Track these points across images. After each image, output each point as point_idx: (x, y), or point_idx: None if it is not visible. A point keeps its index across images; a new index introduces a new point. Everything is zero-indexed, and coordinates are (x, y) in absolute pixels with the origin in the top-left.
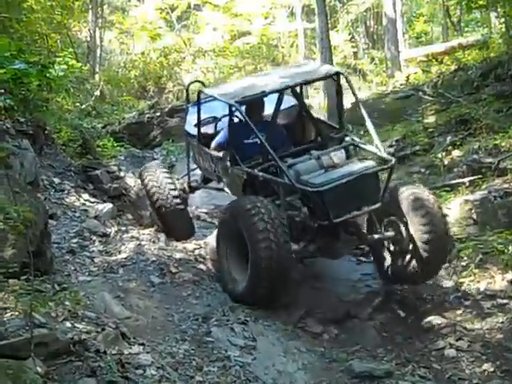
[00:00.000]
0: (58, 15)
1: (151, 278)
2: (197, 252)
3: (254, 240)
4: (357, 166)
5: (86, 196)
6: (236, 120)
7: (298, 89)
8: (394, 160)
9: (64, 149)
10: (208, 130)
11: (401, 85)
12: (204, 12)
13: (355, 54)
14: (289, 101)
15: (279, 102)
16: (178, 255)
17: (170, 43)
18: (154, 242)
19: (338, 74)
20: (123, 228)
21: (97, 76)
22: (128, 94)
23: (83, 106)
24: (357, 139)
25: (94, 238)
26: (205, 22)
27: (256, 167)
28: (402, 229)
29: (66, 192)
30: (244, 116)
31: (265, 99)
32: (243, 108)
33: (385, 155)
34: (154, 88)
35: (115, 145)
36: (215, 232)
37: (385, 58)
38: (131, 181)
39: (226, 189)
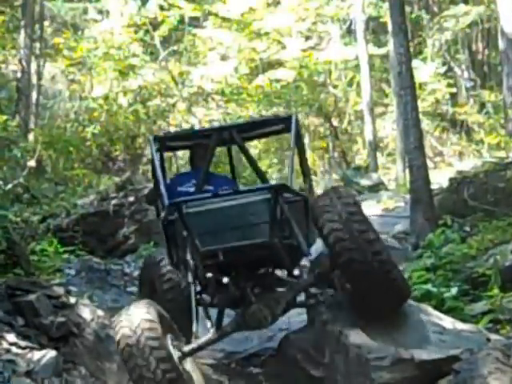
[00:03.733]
0: None
1: None
2: None
3: None
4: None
5: (11, 337)
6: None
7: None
8: (275, 186)
9: None
10: None
11: None
12: (206, 30)
13: (453, 96)
14: None
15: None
16: None
17: (150, 81)
18: None
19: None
20: None
21: (31, 136)
22: (82, 165)
23: (9, 186)
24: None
25: None
26: (208, 45)
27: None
28: None
29: None
30: (152, 151)
31: None
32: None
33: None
34: (125, 155)
35: (61, 251)
36: None
37: (503, 104)
38: (87, 311)
39: None
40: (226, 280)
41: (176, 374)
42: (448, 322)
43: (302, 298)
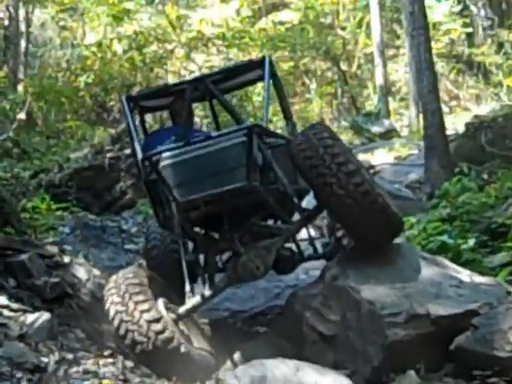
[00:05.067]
0: None
1: None
2: None
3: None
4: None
5: (2, 300)
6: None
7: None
8: (247, 127)
9: None
10: None
11: None
12: None
13: (470, 36)
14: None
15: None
16: None
17: (146, 26)
18: (124, 380)
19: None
20: (69, 356)
21: (20, 86)
22: (75, 117)
23: None
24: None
25: (19, 374)
26: None
27: None
28: None
29: None
30: (126, 111)
31: None
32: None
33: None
34: (121, 105)
35: (54, 207)
36: (233, 359)
37: None
38: (82, 271)
39: None
40: (214, 234)
41: (169, 335)
42: (465, 275)
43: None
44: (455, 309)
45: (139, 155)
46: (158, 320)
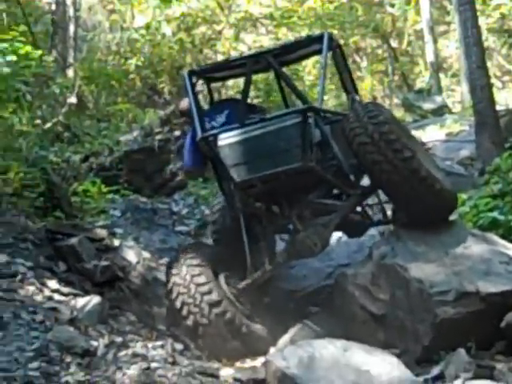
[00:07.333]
0: None
1: None
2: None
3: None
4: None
5: (53, 284)
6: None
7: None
8: (301, 109)
9: (15, 201)
10: None
11: None
12: None
13: None
14: None
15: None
16: None
17: (194, 7)
18: (173, 362)
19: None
20: (119, 339)
21: (70, 71)
22: (125, 99)
23: (48, 125)
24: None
25: (69, 358)
26: None
27: None
28: None
29: (18, 278)
30: (187, 84)
31: None
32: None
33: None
34: (171, 87)
35: (104, 190)
36: (283, 340)
37: None
38: (132, 254)
39: None
40: (275, 208)
41: (230, 315)
42: None
43: None
44: (505, 286)
45: (199, 132)
46: (219, 303)
